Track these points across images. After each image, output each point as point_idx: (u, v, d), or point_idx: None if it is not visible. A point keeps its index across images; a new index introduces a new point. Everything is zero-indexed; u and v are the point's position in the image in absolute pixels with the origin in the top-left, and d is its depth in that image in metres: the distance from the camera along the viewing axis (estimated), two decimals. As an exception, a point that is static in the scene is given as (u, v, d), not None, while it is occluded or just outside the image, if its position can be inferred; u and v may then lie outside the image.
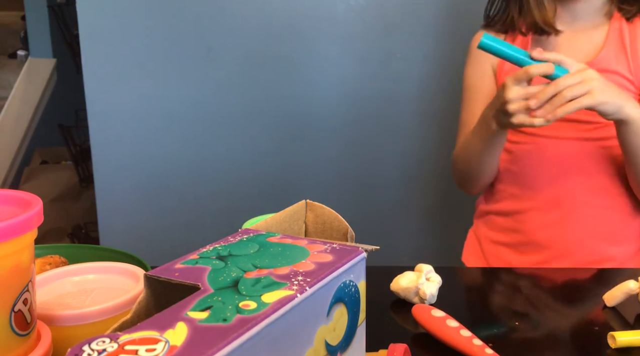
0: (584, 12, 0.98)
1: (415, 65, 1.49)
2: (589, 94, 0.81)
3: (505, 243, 1.03)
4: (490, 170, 1.02)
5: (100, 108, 1.48)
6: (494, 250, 1.05)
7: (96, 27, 1.43)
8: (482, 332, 0.62)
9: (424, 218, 1.59)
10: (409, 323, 0.65)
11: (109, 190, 1.52)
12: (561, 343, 0.61)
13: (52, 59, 3.00)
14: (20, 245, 0.39)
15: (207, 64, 1.47)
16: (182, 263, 0.35)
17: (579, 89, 0.81)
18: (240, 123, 1.51)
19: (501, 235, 1.04)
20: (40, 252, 0.62)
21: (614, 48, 0.95)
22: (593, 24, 0.98)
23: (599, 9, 0.98)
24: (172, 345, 0.26)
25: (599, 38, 0.97)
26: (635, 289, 0.67)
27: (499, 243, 1.04)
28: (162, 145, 1.51)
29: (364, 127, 1.52)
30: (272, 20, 1.45)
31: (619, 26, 0.96)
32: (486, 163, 1.00)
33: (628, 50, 0.95)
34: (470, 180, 1.06)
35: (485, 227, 1.08)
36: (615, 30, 0.96)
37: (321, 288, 0.34)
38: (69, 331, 0.46)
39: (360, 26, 1.46)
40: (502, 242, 1.04)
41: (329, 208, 0.47)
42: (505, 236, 1.03)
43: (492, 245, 1.05)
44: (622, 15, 0.97)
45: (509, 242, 1.03)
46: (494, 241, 1.05)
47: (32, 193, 0.42)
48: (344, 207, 1.40)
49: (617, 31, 0.96)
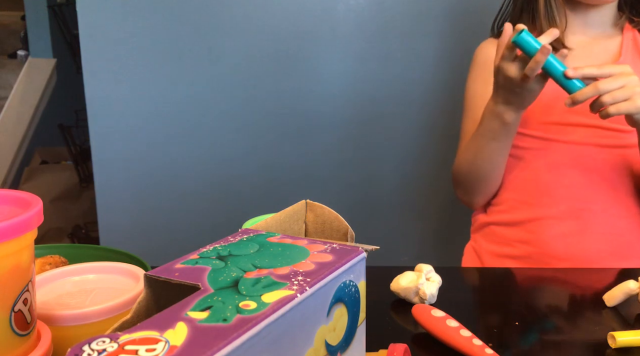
0: (597, 21, 0.98)
1: (415, 65, 1.48)
2: (630, 100, 0.78)
3: (512, 256, 0.97)
4: (499, 175, 0.98)
5: (100, 108, 1.48)
6: (497, 263, 0.99)
7: (96, 27, 1.43)
8: (482, 332, 0.62)
9: (424, 218, 1.59)
10: (409, 323, 0.65)
11: (108, 190, 1.52)
12: (561, 343, 0.61)
13: (52, 59, 3.00)
14: (20, 245, 0.39)
15: (207, 63, 1.47)
16: (182, 263, 0.35)
17: (620, 95, 0.78)
18: (240, 123, 1.51)
19: (505, 247, 0.98)
20: (40, 252, 0.62)
21: (630, 55, 0.95)
22: (605, 33, 0.98)
23: (610, 20, 0.98)
24: (172, 345, 0.26)
25: (614, 47, 0.97)
26: (635, 289, 0.67)
27: (504, 256, 0.99)
28: (162, 145, 1.51)
29: (364, 127, 1.52)
30: (272, 20, 1.45)
31: (632, 36, 0.96)
32: (496, 166, 0.96)
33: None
34: (476, 190, 1.00)
35: (485, 239, 1.03)
36: (629, 40, 0.96)
37: (321, 288, 0.34)
38: (69, 331, 0.46)
39: (360, 26, 1.46)
40: (507, 254, 0.98)
41: (329, 208, 0.47)
42: (511, 248, 0.97)
43: (495, 258, 1.00)
44: (634, 27, 0.97)
45: (516, 254, 0.97)
46: (496, 254, 1.00)
47: (32, 193, 0.42)
48: (344, 207, 1.40)
49: (632, 40, 0.96)
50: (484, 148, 0.95)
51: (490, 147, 0.94)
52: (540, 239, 0.94)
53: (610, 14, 0.98)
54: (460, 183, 1.03)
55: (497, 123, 0.90)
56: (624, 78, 0.78)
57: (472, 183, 1.00)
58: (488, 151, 0.94)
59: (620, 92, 0.78)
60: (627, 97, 0.78)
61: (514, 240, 0.97)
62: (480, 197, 1.02)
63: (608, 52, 0.97)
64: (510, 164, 0.99)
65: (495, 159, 0.95)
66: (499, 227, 1.01)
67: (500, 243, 1.00)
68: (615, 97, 0.78)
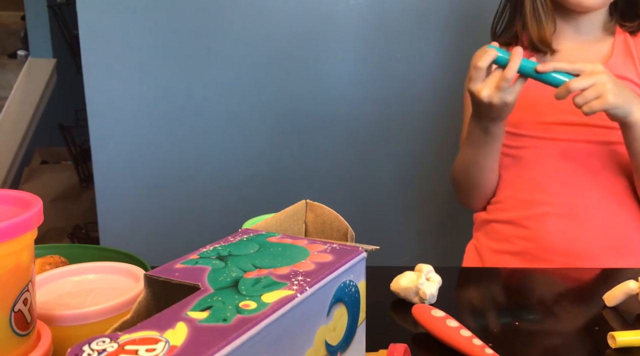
0: (587, 27, 0.99)
1: (415, 66, 1.48)
2: (601, 98, 0.80)
3: (511, 252, 0.99)
4: (493, 178, 1.02)
5: (100, 108, 1.48)
6: (496, 260, 1.01)
7: (96, 27, 1.43)
8: (482, 332, 0.62)
9: (424, 218, 1.59)
10: (409, 323, 0.65)
11: (109, 190, 1.52)
12: (561, 343, 0.61)
13: (52, 59, 3.00)
14: (20, 245, 0.39)
15: (207, 64, 1.47)
16: (182, 263, 0.35)
17: (589, 94, 0.80)
18: (239, 123, 1.51)
19: (505, 244, 1.00)
20: (40, 252, 0.62)
21: (622, 56, 0.96)
22: (597, 38, 0.99)
23: (601, 25, 0.99)
24: (172, 345, 0.26)
25: (605, 49, 0.98)
26: (635, 289, 0.67)
27: (503, 252, 1.00)
28: (162, 145, 1.51)
29: (364, 127, 1.52)
30: (272, 20, 1.45)
31: (624, 38, 0.97)
32: (488, 171, 1.00)
33: (636, 58, 0.95)
34: (473, 195, 1.04)
35: (486, 237, 1.05)
36: (620, 42, 0.97)
37: (321, 288, 0.34)
38: (69, 331, 0.46)
39: (360, 26, 1.46)
40: (506, 250, 1.00)
41: (329, 208, 0.47)
42: (511, 244, 0.99)
43: (495, 255, 1.02)
44: (625, 31, 0.98)
45: (515, 250, 0.98)
46: (496, 250, 1.01)
47: (32, 193, 0.42)
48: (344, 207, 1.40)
49: (623, 42, 0.97)
50: (474, 157, 0.99)
51: (479, 155, 0.98)
52: (538, 235, 0.96)
53: (600, 19, 0.99)
54: (458, 189, 1.08)
55: (482, 134, 0.94)
56: (594, 76, 0.80)
57: (468, 189, 1.05)
58: (478, 159, 0.98)
59: (590, 91, 0.80)
60: (598, 95, 0.80)
61: (513, 237, 0.99)
62: (478, 201, 1.06)
63: (599, 55, 0.98)
64: (507, 164, 1.01)
65: (486, 165, 0.99)
66: (498, 224, 1.02)
67: (500, 240, 1.01)
68: (585, 97, 0.80)
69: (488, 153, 0.98)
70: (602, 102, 0.80)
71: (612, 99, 0.80)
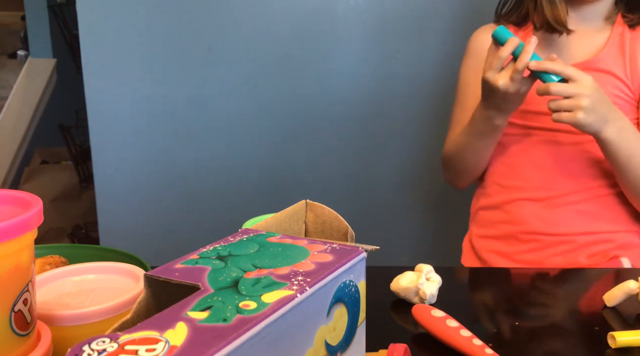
0: (591, 15, 0.99)
1: (415, 65, 1.48)
2: (572, 113, 0.81)
3: (495, 237, 1.03)
4: (483, 165, 1.05)
5: (100, 108, 1.48)
6: (484, 244, 1.05)
7: (96, 27, 1.43)
8: (482, 332, 0.62)
9: (424, 218, 1.59)
10: (409, 323, 0.65)
11: (109, 190, 1.52)
12: (561, 343, 0.61)
13: (52, 59, 3.00)
14: (20, 245, 0.39)
15: (207, 64, 1.47)
16: (182, 263, 0.35)
17: (564, 104, 0.81)
18: (239, 123, 1.51)
19: (490, 229, 1.04)
20: (40, 252, 0.62)
21: (614, 51, 0.97)
22: (597, 27, 1.00)
23: (604, 14, 1.00)
24: (172, 345, 0.26)
25: (600, 40, 0.99)
26: (635, 289, 0.67)
27: (489, 237, 1.04)
28: (162, 145, 1.51)
29: (364, 127, 1.52)
30: (272, 20, 1.45)
31: (621, 32, 0.98)
32: (483, 158, 1.03)
33: (627, 54, 0.96)
34: (461, 176, 1.08)
35: (475, 225, 1.09)
36: (617, 35, 0.98)
37: (321, 288, 0.34)
38: (69, 331, 0.46)
39: (360, 26, 1.46)
40: (490, 235, 1.04)
41: (329, 208, 0.47)
42: (495, 229, 1.03)
43: (482, 240, 1.06)
44: (625, 23, 0.98)
45: (499, 234, 1.03)
46: (482, 236, 1.06)
47: (32, 193, 0.42)
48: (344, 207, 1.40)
49: (619, 36, 0.97)
50: (471, 146, 1.01)
51: (478, 145, 1.00)
52: (517, 218, 1.00)
53: (605, 8, 0.99)
54: (447, 168, 1.11)
55: (486, 125, 0.96)
56: (577, 88, 0.81)
57: (457, 170, 1.08)
58: (475, 148, 1.01)
59: (566, 102, 0.81)
60: (570, 108, 0.81)
61: (497, 222, 1.04)
62: (464, 181, 1.10)
63: (594, 45, 0.98)
64: (494, 151, 1.04)
65: (482, 154, 1.02)
66: (484, 211, 1.07)
67: (486, 226, 1.06)
68: (559, 105, 0.82)
69: (487, 144, 1.00)
70: (570, 117, 0.82)
71: (580, 117, 0.81)
